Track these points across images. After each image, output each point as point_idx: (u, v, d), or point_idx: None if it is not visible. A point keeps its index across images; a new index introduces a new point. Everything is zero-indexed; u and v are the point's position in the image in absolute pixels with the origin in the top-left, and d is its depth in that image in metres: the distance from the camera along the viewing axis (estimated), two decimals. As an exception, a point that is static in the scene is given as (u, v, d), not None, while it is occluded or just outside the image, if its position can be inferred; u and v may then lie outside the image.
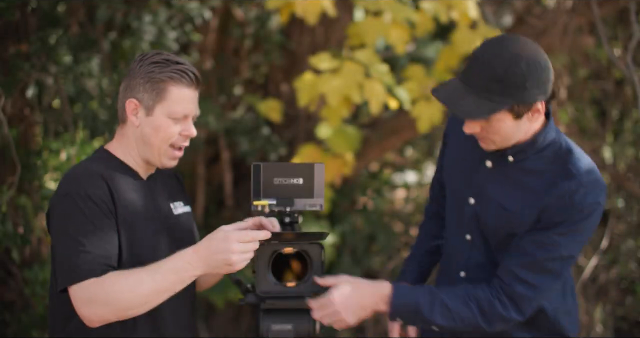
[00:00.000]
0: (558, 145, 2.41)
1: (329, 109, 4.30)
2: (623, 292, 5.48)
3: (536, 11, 5.16)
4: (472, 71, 2.28)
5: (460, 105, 2.27)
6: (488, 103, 2.24)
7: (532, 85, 2.25)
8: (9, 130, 3.62)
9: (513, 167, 2.43)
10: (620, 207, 5.45)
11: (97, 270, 2.23)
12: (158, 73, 2.35)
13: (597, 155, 5.34)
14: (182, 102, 2.39)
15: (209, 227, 5.43)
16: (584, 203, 2.33)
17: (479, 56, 2.28)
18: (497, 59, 2.24)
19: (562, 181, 2.34)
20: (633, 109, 5.50)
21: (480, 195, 2.49)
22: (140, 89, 2.36)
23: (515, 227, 2.42)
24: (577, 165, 2.37)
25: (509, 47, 2.27)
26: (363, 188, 5.57)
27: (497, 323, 2.39)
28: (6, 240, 3.58)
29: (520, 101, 2.26)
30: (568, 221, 2.34)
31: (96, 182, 2.31)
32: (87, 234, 2.25)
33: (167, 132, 2.39)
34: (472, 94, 2.26)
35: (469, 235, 2.55)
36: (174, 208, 2.51)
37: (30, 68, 3.67)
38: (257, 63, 5.62)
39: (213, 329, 5.46)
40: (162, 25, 4.10)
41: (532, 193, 2.38)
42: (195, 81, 2.42)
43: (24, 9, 3.72)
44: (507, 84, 2.23)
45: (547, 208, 2.35)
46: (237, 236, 2.25)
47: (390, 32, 4.24)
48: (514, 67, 2.23)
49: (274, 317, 2.44)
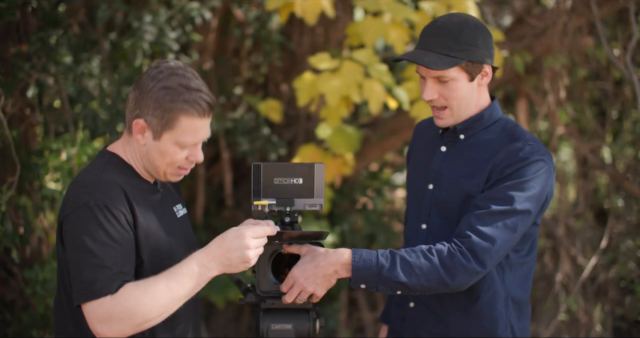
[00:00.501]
0: (504, 122, 2.64)
1: (329, 108, 4.30)
2: (622, 291, 5.49)
3: (536, 11, 5.16)
4: (428, 38, 2.55)
5: (424, 59, 2.50)
6: (448, 58, 2.50)
7: (482, 44, 2.52)
8: (10, 130, 3.63)
9: (464, 145, 2.63)
10: (619, 207, 5.46)
11: (113, 286, 2.18)
12: (169, 102, 2.24)
13: (596, 155, 5.34)
14: (193, 132, 2.28)
15: (209, 227, 5.46)
16: (529, 157, 2.49)
17: (433, 26, 2.56)
18: (450, 23, 2.53)
19: (509, 143, 2.54)
20: (632, 109, 5.51)
21: (437, 180, 2.65)
22: (149, 112, 2.26)
23: (469, 192, 2.55)
24: (523, 133, 2.59)
25: (456, 16, 2.58)
26: (363, 189, 5.58)
27: (459, 275, 2.41)
28: (6, 240, 3.59)
29: (473, 58, 2.51)
30: (516, 173, 2.48)
31: (114, 192, 2.25)
32: (105, 248, 2.19)
33: (173, 158, 2.31)
34: (432, 53, 2.51)
35: (424, 224, 2.66)
36: (177, 211, 2.51)
37: (30, 68, 3.67)
38: (257, 63, 5.62)
39: (213, 329, 5.46)
40: (163, 26, 4.10)
41: (482, 159, 2.56)
42: (209, 109, 2.29)
43: (25, 9, 3.73)
44: (462, 41, 2.49)
45: (495, 165, 2.52)
46: (252, 232, 2.25)
47: (389, 32, 4.24)
48: (466, 27, 2.51)
49: (274, 316, 2.45)
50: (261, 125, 5.20)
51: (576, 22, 4.71)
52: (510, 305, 2.65)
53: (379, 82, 4.23)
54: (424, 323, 2.70)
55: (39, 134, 4.04)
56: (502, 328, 2.64)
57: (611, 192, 5.30)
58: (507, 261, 2.61)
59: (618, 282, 5.48)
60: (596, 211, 5.94)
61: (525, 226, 2.51)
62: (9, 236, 3.58)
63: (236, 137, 5.15)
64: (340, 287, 5.37)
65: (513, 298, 2.65)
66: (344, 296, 5.54)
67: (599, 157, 5.40)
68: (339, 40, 5.16)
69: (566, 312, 5.26)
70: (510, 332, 2.65)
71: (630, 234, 5.42)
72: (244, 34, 5.30)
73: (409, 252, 2.42)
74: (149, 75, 2.28)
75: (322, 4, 4.24)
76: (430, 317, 2.68)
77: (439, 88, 2.55)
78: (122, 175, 2.32)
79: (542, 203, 2.54)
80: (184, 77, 2.26)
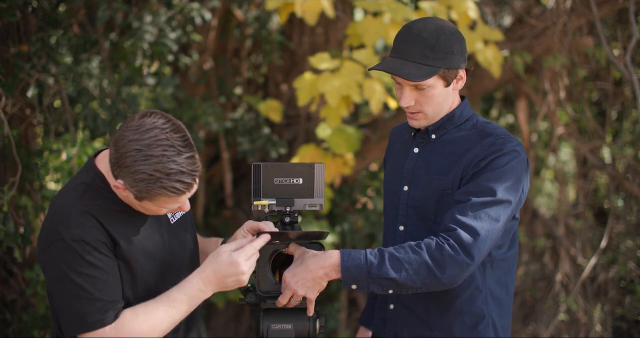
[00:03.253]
0: (475, 120, 2.69)
1: (329, 108, 4.30)
2: (622, 291, 5.49)
3: (536, 11, 5.16)
4: (404, 46, 2.55)
5: (402, 70, 2.52)
6: (425, 67, 2.51)
7: (458, 51, 2.55)
8: (10, 130, 3.63)
9: (436, 143, 2.68)
10: (619, 207, 5.46)
11: (108, 317, 2.21)
12: (145, 188, 2.16)
13: (596, 155, 5.34)
14: (174, 204, 2.25)
15: (209, 227, 5.46)
16: (502, 149, 2.53)
17: (408, 34, 2.56)
18: (426, 31, 2.53)
19: (482, 139, 2.58)
20: (632, 109, 5.51)
21: (412, 181, 2.68)
22: (128, 183, 2.19)
23: (443, 188, 2.58)
24: (495, 128, 2.64)
25: (430, 22, 2.57)
26: (363, 189, 5.58)
27: (449, 268, 2.39)
28: (7, 240, 3.59)
29: (449, 66, 2.53)
30: (490, 164, 2.52)
31: (88, 222, 2.23)
32: (91, 280, 2.20)
33: (157, 213, 2.31)
34: (410, 62, 2.53)
35: (402, 226, 2.69)
36: (171, 216, 2.48)
37: (31, 68, 3.67)
38: (257, 63, 5.63)
39: (213, 329, 5.46)
40: (163, 26, 4.10)
41: (455, 155, 2.60)
42: (190, 187, 2.20)
43: (25, 9, 3.73)
44: (439, 50, 2.51)
45: (470, 160, 2.55)
46: (244, 255, 2.28)
47: (389, 33, 4.24)
48: (441, 35, 2.52)
49: (274, 316, 2.45)
50: (261, 125, 5.20)
51: (576, 22, 4.71)
52: (491, 301, 2.65)
53: (379, 82, 4.23)
54: (405, 324, 2.71)
55: (40, 134, 4.04)
56: (483, 325, 2.64)
57: (611, 192, 5.30)
58: (489, 257, 2.62)
59: (618, 282, 5.48)
60: (596, 211, 5.94)
61: (507, 216, 2.52)
62: (10, 236, 3.59)
63: (236, 137, 5.15)
64: (340, 287, 5.38)
65: (494, 294, 2.66)
66: (344, 296, 5.54)
67: (599, 157, 5.40)
68: (339, 41, 5.16)
69: (566, 311, 5.26)
70: (493, 329, 2.66)
71: (630, 234, 5.42)
72: (244, 34, 5.31)
73: (397, 249, 2.42)
74: (126, 149, 2.15)
75: (322, 4, 4.25)
76: (411, 318, 2.69)
77: (416, 95, 2.58)
78: (103, 199, 2.28)
79: (519, 194, 2.55)
80: (162, 160, 2.14)
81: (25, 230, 3.70)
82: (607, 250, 5.36)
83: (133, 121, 2.17)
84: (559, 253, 5.36)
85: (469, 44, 4.38)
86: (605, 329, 5.25)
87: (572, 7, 4.61)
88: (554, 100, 5.21)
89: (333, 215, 5.38)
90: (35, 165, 3.74)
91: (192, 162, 2.18)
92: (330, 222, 5.34)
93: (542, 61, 4.98)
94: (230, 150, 5.41)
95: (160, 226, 2.43)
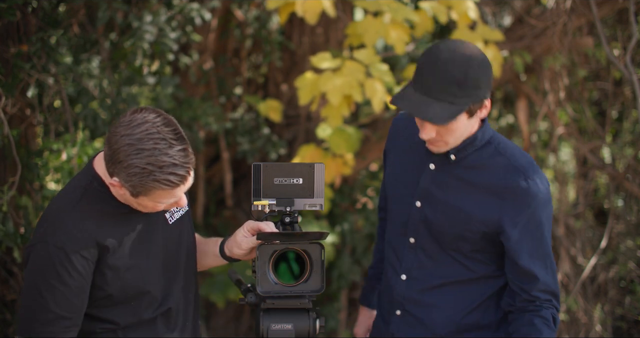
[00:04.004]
0: (495, 142, 2.57)
1: (330, 108, 4.30)
2: (622, 291, 5.49)
3: (536, 11, 5.16)
4: (427, 79, 2.38)
5: (427, 113, 2.37)
6: (450, 106, 2.36)
7: (485, 84, 2.41)
8: (10, 130, 3.63)
9: (456, 166, 2.55)
10: (619, 207, 5.46)
11: (57, 332, 2.22)
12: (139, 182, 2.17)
13: (596, 155, 5.34)
14: (169, 197, 2.24)
15: (209, 227, 5.46)
16: (537, 195, 2.49)
17: (432, 63, 2.37)
18: (452, 64, 2.35)
19: (510, 178, 2.49)
20: (632, 109, 5.51)
21: (426, 198, 2.58)
22: (122, 179, 2.20)
23: (469, 225, 2.52)
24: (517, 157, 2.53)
25: (458, 51, 2.38)
26: (363, 188, 5.58)
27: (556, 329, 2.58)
28: (7, 240, 3.59)
29: (476, 100, 2.41)
30: (532, 221, 2.50)
31: (78, 234, 2.23)
32: (54, 291, 2.20)
33: (154, 209, 2.30)
34: (433, 100, 2.36)
35: (412, 238, 2.63)
36: (170, 216, 2.47)
37: (30, 68, 3.67)
38: (257, 63, 5.63)
39: (213, 329, 5.46)
40: (163, 26, 4.10)
41: (478, 188, 2.51)
42: (183, 180, 2.21)
43: (25, 9, 3.73)
44: (466, 86, 2.36)
45: (505, 212, 2.49)
46: None
47: (389, 32, 4.24)
48: (469, 69, 2.35)
49: (274, 316, 2.45)
50: (261, 125, 5.20)
51: (576, 22, 4.71)
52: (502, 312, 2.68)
53: (380, 81, 4.23)
54: (410, 331, 2.71)
55: (39, 134, 4.04)
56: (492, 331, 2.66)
57: (611, 192, 5.30)
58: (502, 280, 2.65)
59: (618, 282, 5.48)
60: (596, 211, 5.94)
61: None
62: (10, 236, 3.59)
63: (236, 137, 5.15)
64: (340, 287, 5.37)
65: None
66: (344, 296, 5.54)
67: (599, 157, 5.40)
68: (339, 40, 5.16)
69: (566, 311, 5.26)
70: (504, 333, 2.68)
71: (630, 234, 5.42)
72: (244, 34, 5.31)
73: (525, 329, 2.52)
74: (119, 145, 2.17)
75: (323, 3, 4.25)
76: (417, 325, 2.69)
77: (438, 128, 2.47)
78: (99, 203, 2.28)
79: None
80: (154, 153, 2.15)
81: (26, 230, 3.70)
82: (607, 250, 5.36)
83: (125, 117, 2.19)
84: (558, 253, 5.35)
85: (469, 44, 4.38)
86: (605, 329, 5.25)
87: (572, 7, 4.61)
88: (554, 100, 5.20)
89: (333, 215, 5.38)
90: (35, 165, 3.74)
91: (184, 154, 2.18)
92: (330, 222, 5.34)
93: (542, 61, 4.98)
94: (230, 150, 5.41)
95: (159, 226, 2.42)
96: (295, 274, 2.43)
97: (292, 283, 2.42)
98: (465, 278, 2.62)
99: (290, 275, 2.44)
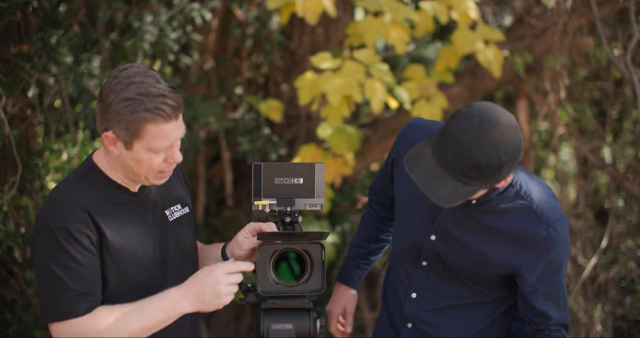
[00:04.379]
0: (518, 185, 2.47)
1: (330, 107, 4.30)
2: (623, 291, 5.48)
3: (536, 11, 5.16)
4: (449, 154, 2.23)
5: (437, 190, 2.25)
6: (464, 187, 2.24)
7: (508, 169, 2.27)
8: (10, 130, 3.63)
9: (478, 210, 2.48)
10: (619, 207, 5.46)
11: (81, 308, 2.23)
12: (131, 113, 2.19)
13: (596, 155, 5.34)
14: (161, 137, 2.24)
15: (209, 227, 5.45)
16: (556, 243, 2.48)
17: (458, 140, 2.21)
18: (477, 150, 2.20)
19: (531, 227, 2.45)
20: (632, 109, 5.51)
21: (442, 235, 2.55)
22: (114, 125, 2.22)
23: (486, 267, 2.52)
24: (542, 205, 2.47)
25: (489, 136, 2.21)
26: (363, 188, 5.58)
27: None
28: (8, 240, 3.59)
29: (495, 182, 2.30)
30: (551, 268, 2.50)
31: (77, 214, 2.25)
32: (68, 271, 2.23)
33: (150, 164, 2.28)
34: (448, 176, 2.24)
35: (425, 262, 2.61)
36: (170, 214, 2.48)
37: (31, 68, 3.67)
38: (257, 63, 5.63)
39: (213, 329, 5.46)
40: (163, 26, 4.10)
41: (499, 235, 2.46)
42: (174, 112, 2.22)
43: (25, 9, 3.73)
44: (486, 172, 2.23)
45: (523, 261, 2.48)
46: (224, 268, 2.28)
47: (390, 32, 4.24)
48: (493, 157, 2.20)
49: (274, 316, 2.45)
50: (261, 125, 5.20)
51: (576, 22, 4.71)
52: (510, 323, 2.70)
53: (380, 81, 4.23)
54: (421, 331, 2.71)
55: (40, 134, 4.04)
56: None
57: (611, 192, 5.30)
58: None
59: (618, 282, 5.48)
60: (596, 211, 5.94)
61: None
62: (11, 236, 3.59)
63: (236, 137, 5.15)
64: (341, 287, 5.38)
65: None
66: (345, 296, 5.54)
67: (599, 157, 5.40)
68: (340, 40, 5.16)
69: (566, 311, 5.26)
70: None
71: (631, 234, 5.42)
72: (244, 34, 5.31)
73: None
74: (109, 87, 2.23)
75: (324, 3, 4.24)
76: None
77: None
78: (95, 191, 2.31)
79: None
80: (143, 84, 2.20)
81: (26, 230, 3.70)
82: (607, 250, 5.36)
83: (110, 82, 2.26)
84: (559, 253, 5.35)
85: (470, 45, 4.38)
86: (605, 329, 5.25)
87: (572, 7, 4.61)
88: (554, 100, 5.20)
89: (333, 215, 5.38)
90: (36, 165, 3.74)
91: (172, 90, 2.22)
92: (331, 222, 5.34)
93: (542, 61, 4.98)
94: (231, 150, 5.41)
95: (156, 220, 2.43)
96: (296, 274, 2.44)
97: (292, 283, 2.42)
98: (477, 301, 2.63)
99: (290, 275, 2.44)
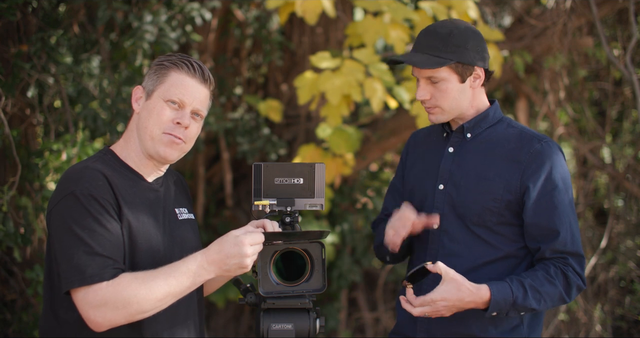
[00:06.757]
0: (507, 121, 2.76)
1: (330, 107, 4.30)
2: (622, 291, 5.49)
3: (536, 11, 5.17)
4: (419, 40, 2.69)
5: (413, 59, 2.64)
6: (436, 58, 2.61)
7: (472, 47, 2.62)
8: (10, 130, 3.63)
9: (473, 143, 2.72)
10: (619, 207, 5.46)
11: (107, 273, 2.20)
12: (164, 60, 2.41)
13: (596, 155, 5.35)
14: (180, 87, 2.37)
15: (209, 227, 5.46)
16: (551, 155, 2.64)
17: (425, 30, 2.70)
18: (441, 27, 2.66)
19: (525, 143, 2.65)
20: (632, 109, 5.51)
21: (449, 179, 2.71)
22: (146, 78, 2.42)
23: (494, 193, 2.63)
24: (530, 130, 2.74)
25: (450, 21, 2.70)
26: (363, 188, 5.58)
27: (574, 294, 2.68)
28: (7, 240, 3.59)
29: (462, 60, 2.61)
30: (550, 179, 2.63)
31: (99, 181, 2.27)
32: (94, 235, 2.21)
33: (159, 115, 2.36)
34: (421, 53, 2.65)
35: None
36: (179, 213, 2.50)
37: (31, 68, 3.68)
38: (257, 63, 5.63)
39: (213, 329, 5.47)
40: (163, 26, 4.10)
41: (496, 156, 2.67)
42: (201, 74, 2.40)
43: (25, 9, 3.73)
44: (450, 43, 2.61)
45: (524, 172, 2.62)
46: (250, 239, 2.27)
47: (389, 32, 4.25)
48: (455, 30, 2.63)
49: (274, 316, 2.44)
50: (261, 125, 5.21)
51: (576, 22, 4.71)
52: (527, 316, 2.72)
53: (379, 81, 4.23)
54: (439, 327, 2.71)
55: (40, 134, 4.04)
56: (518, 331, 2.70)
57: (611, 192, 5.31)
58: None
59: (618, 282, 5.49)
60: (596, 211, 5.95)
61: None
62: (10, 236, 3.59)
63: (236, 137, 5.15)
64: (340, 287, 5.38)
65: None
66: (344, 296, 5.54)
67: (599, 157, 5.41)
68: (339, 40, 5.17)
69: (566, 311, 5.26)
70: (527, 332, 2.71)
71: (630, 234, 5.42)
72: (244, 34, 5.31)
73: (535, 280, 2.61)
74: None
75: (323, 3, 4.25)
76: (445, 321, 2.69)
77: (431, 89, 2.66)
78: (112, 170, 2.35)
79: None
80: (185, 55, 2.45)
81: (26, 230, 3.70)
82: (607, 250, 5.36)
83: None
84: (559, 253, 5.35)
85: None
86: (605, 329, 5.25)
87: (572, 7, 4.61)
88: (554, 100, 5.21)
89: (333, 215, 5.38)
90: (36, 166, 3.74)
91: (206, 68, 2.45)
92: (331, 222, 5.35)
93: (542, 61, 4.98)
94: (230, 150, 5.42)
95: (167, 215, 2.44)
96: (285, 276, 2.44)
97: (293, 283, 2.42)
98: (492, 258, 2.69)
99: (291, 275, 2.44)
